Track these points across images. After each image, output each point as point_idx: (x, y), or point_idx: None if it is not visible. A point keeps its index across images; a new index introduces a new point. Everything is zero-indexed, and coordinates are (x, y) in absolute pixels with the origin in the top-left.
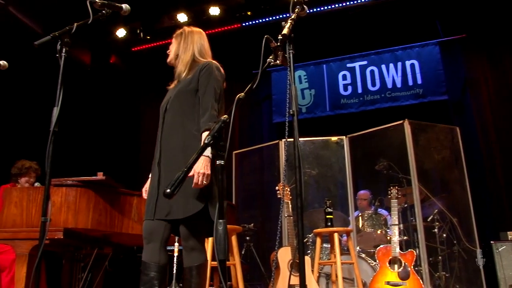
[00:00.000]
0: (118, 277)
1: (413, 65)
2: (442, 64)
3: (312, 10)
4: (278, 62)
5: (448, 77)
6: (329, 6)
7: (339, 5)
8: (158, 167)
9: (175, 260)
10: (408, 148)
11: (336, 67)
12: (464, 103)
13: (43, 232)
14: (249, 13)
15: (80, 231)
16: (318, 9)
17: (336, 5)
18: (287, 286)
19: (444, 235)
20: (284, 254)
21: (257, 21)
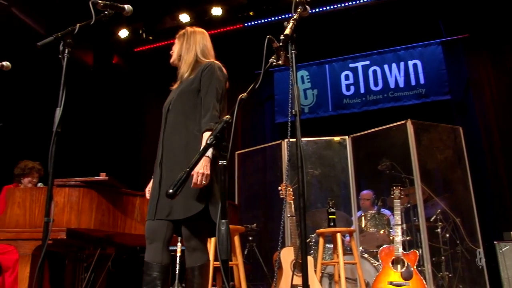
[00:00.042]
0: (121, 277)
1: (416, 65)
2: (445, 64)
3: (314, 10)
4: (281, 62)
5: (451, 77)
6: (332, 6)
7: (342, 5)
8: (160, 168)
9: (178, 260)
10: (411, 148)
11: (339, 67)
12: (467, 103)
13: (46, 233)
14: (251, 14)
15: (83, 231)
16: (321, 9)
17: (339, 5)
18: (290, 286)
19: (447, 235)
20: (287, 254)
21: (259, 22)
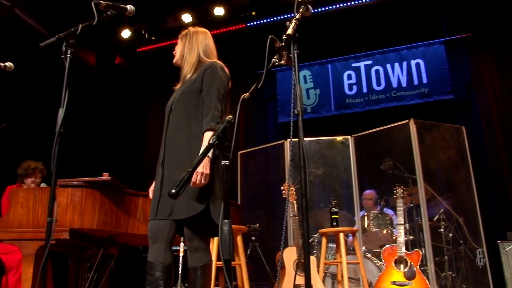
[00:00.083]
0: (124, 277)
1: (419, 65)
2: (448, 63)
3: (317, 10)
4: (283, 62)
5: (454, 77)
6: (334, 6)
7: (344, 5)
8: (162, 168)
9: (181, 260)
10: (414, 148)
11: (341, 67)
12: (470, 102)
13: (49, 233)
14: (254, 13)
15: (86, 232)
16: (323, 9)
17: (341, 5)
18: (293, 286)
19: (450, 235)
20: (290, 254)
21: (262, 21)
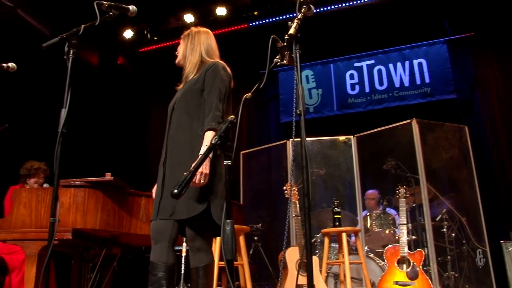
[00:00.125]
0: (127, 277)
1: (421, 64)
2: (450, 63)
3: (319, 10)
4: (285, 62)
5: (456, 76)
6: (336, 6)
7: (346, 4)
8: (164, 167)
9: (183, 260)
10: (416, 147)
11: (344, 67)
12: (473, 102)
13: (52, 233)
14: (256, 13)
15: (89, 232)
16: (325, 9)
17: (343, 4)
18: (295, 286)
19: (453, 235)
20: (292, 254)
21: (264, 21)
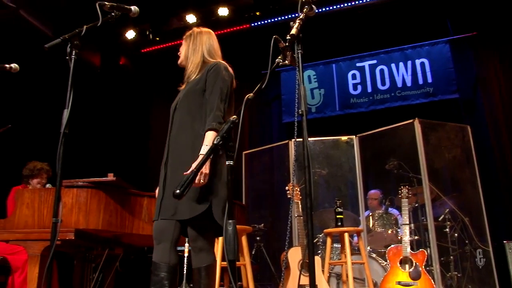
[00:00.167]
0: (129, 278)
1: (423, 64)
2: (453, 63)
3: (321, 10)
4: (287, 62)
5: (459, 76)
6: (338, 6)
7: (348, 4)
8: (165, 168)
9: (186, 261)
10: (419, 147)
11: (346, 67)
12: (475, 102)
13: (55, 233)
14: (258, 14)
15: (91, 232)
16: (327, 9)
17: (345, 4)
18: (297, 286)
19: (456, 235)
20: (294, 254)
21: (266, 21)
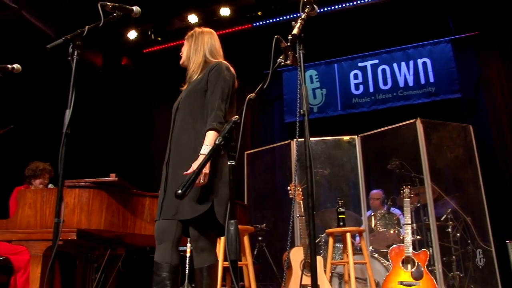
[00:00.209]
0: (131, 278)
1: (425, 63)
2: (455, 62)
3: (323, 10)
4: (289, 62)
5: (461, 75)
6: (340, 5)
7: (350, 4)
8: (166, 168)
9: (188, 261)
10: (421, 147)
11: (348, 66)
12: (477, 101)
13: (57, 233)
14: (260, 13)
15: (93, 232)
16: (329, 8)
17: (347, 4)
18: (299, 286)
19: (458, 235)
20: (296, 254)
21: (268, 21)
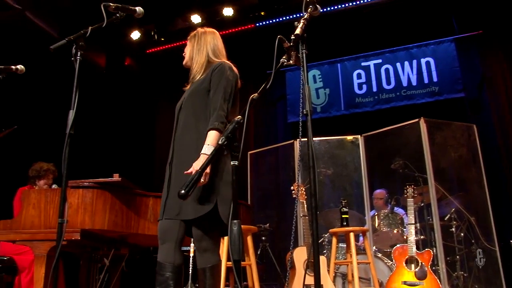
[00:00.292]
0: (135, 278)
1: (429, 63)
2: (458, 61)
3: (326, 9)
4: (292, 62)
5: (464, 74)
6: (343, 5)
7: (353, 4)
8: (170, 168)
9: (191, 261)
10: (424, 147)
11: (351, 66)
12: (481, 101)
13: (60, 233)
14: (263, 13)
15: (97, 232)
16: (332, 8)
17: (350, 4)
18: (303, 286)
19: (462, 234)
20: (300, 254)
21: (271, 21)
